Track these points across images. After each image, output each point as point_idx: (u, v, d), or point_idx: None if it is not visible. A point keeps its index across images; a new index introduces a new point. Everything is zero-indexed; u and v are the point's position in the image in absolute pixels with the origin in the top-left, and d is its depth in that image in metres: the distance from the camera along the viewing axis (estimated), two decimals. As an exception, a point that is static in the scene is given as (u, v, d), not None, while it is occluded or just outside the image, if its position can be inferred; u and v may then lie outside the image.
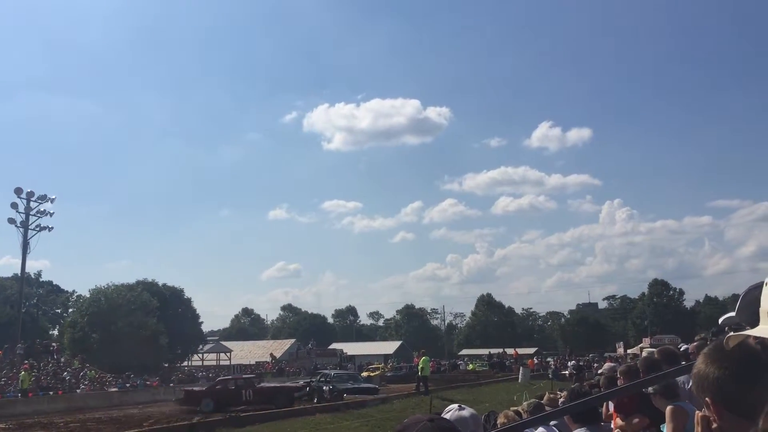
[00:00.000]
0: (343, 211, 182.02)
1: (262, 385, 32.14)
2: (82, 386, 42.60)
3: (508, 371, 54.78)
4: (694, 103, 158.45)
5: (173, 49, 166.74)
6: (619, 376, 6.38)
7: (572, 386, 10.02)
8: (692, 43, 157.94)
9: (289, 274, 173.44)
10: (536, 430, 5.48)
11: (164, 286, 68.79)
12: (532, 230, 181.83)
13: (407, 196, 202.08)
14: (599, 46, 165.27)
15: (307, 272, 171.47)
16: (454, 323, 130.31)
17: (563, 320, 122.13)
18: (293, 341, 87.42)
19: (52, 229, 49.86)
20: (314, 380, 35.75)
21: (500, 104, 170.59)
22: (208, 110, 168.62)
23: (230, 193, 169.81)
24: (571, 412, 4.93)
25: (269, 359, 71.52)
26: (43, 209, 49.28)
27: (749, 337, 1.71)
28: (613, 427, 5.79)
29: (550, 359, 65.18)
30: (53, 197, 50.08)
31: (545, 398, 8.91)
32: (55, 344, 59.02)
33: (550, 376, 41.88)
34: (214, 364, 72.85)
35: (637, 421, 5.42)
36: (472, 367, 64.13)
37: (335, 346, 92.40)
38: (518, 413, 6.78)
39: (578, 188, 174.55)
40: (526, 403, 7.20)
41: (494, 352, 76.16)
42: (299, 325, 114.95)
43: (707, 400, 1.70)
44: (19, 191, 48.25)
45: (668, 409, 4.47)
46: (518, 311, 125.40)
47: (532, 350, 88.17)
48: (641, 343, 59.09)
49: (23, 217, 48.37)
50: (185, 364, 69.47)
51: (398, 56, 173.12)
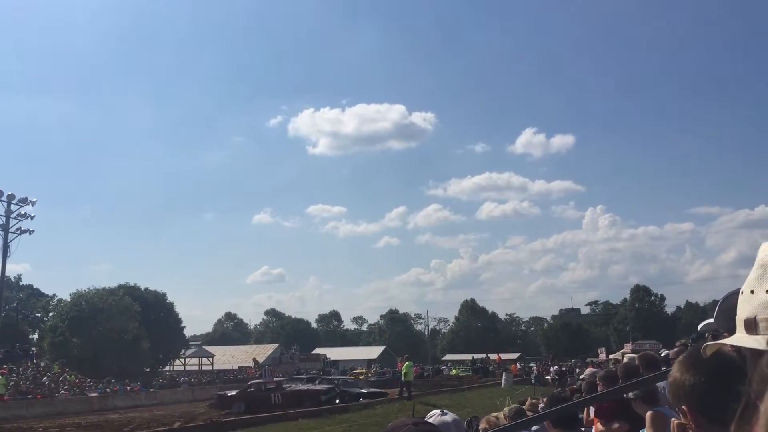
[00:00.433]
0: (327, 215, 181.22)
1: (291, 388, 32.63)
2: (61, 391, 42.19)
3: (491, 376, 54.93)
4: (675, 111, 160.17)
5: (157, 51, 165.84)
6: (598, 382, 6.42)
7: (553, 392, 10.07)
8: (673, 52, 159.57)
9: (273, 278, 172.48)
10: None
11: (146, 290, 68.43)
12: (515, 236, 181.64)
13: (392, 201, 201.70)
14: (583, 54, 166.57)
15: (291, 277, 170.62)
16: (437, 328, 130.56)
17: (546, 326, 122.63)
18: (276, 346, 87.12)
19: (32, 232, 49.31)
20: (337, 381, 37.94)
21: (485, 110, 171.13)
22: (192, 113, 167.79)
23: (214, 196, 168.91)
24: (550, 417, 4.94)
25: (252, 364, 71.17)
26: (23, 212, 48.72)
27: (726, 344, 1.72)
28: (593, 432, 5.81)
29: (532, 364, 65.45)
30: (34, 200, 49.55)
31: (527, 403, 8.94)
32: (34, 348, 58.49)
33: (532, 381, 42.06)
34: (196, 369, 72.46)
35: (617, 426, 5.43)
36: (455, 372, 64.14)
37: (319, 351, 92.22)
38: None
39: (562, 194, 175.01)
40: (507, 408, 7.21)
41: (477, 357, 76.42)
42: (283, 329, 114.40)
43: (683, 407, 1.70)
44: (-1, 194, 47.78)
45: (648, 414, 4.47)
46: (502, 316, 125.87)
47: (515, 355, 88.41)
48: (623, 348, 59.58)
49: (3, 220, 47.78)
50: (167, 368, 69.03)
51: (384, 61, 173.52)
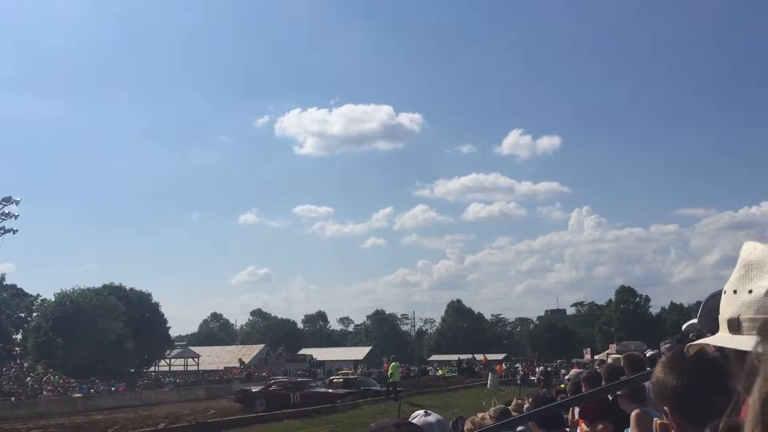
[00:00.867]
0: (314, 216, 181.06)
1: (310, 390, 33.01)
2: (45, 392, 41.83)
3: (477, 377, 55.06)
4: (661, 113, 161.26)
5: (144, 51, 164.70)
6: (582, 383, 6.44)
7: (538, 392, 10.10)
8: (660, 53, 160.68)
9: (259, 278, 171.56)
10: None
11: (131, 290, 68.02)
12: (502, 237, 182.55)
13: (378, 201, 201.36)
14: (569, 56, 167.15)
15: (277, 277, 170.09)
16: (424, 329, 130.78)
17: (532, 326, 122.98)
18: (262, 346, 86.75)
19: (17, 231, 49.13)
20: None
21: (472, 111, 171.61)
22: (178, 113, 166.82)
23: (200, 196, 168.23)
24: (536, 418, 4.95)
25: (238, 365, 70.92)
26: (7, 211, 48.62)
27: (709, 345, 1.72)
28: (578, 432, 5.83)
29: (518, 365, 65.62)
30: (18, 199, 49.49)
31: (512, 404, 8.96)
32: (18, 349, 57.87)
33: (518, 381, 42.18)
34: (181, 369, 72.10)
35: (601, 427, 5.46)
36: (441, 372, 64.15)
37: (305, 351, 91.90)
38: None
39: (548, 195, 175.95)
40: (492, 408, 7.22)
41: (464, 357, 76.48)
42: (269, 330, 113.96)
43: (666, 408, 1.71)
44: (-18, 193, 47.44)
45: (633, 414, 4.47)
46: (488, 317, 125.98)
47: (501, 356, 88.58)
48: (608, 349, 59.83)
49: (-13, 219, 47.51)
50: (152, 369, 68.64)
51: (371, 62, 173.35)
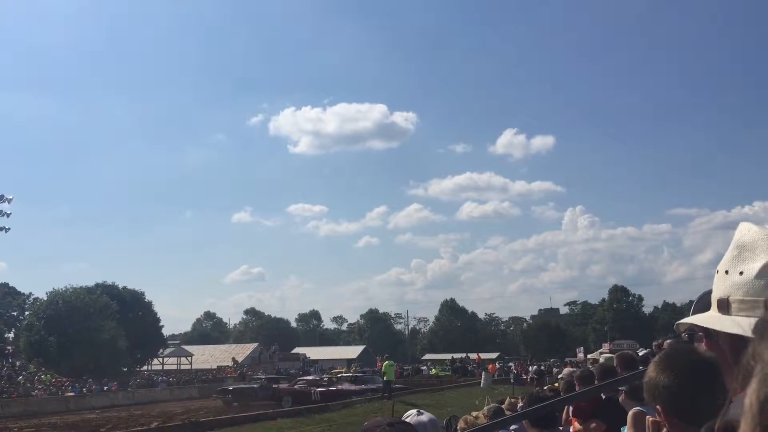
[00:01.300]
0: (308, 214, 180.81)
1: (329, 388, 33.94)
2: (37, 390, 41.69)
3: (470, 376, 55.08)
4: (654, 113, 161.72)
5: (137, 48, 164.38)
6: (575, 381, 6.45)
7: (531, 391, 10.12)
8: (653, 53, 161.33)
9: (252, 277, 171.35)
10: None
11: (124, 289, 67.81)
12: (496, 236, 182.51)
13: (372, 200, 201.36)
14: (564, 56, 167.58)
15: (271, 276, 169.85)
16: (417, 328, 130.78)
17: (525, 325, 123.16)
18: (256, 345, 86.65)
19: (9, 230, 48.88)
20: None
21: (466, 110, 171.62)
22: (172, 111, 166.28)
23: (194, 195, 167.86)
24: (529, 416, 4.95)
25: (231, 363, 70.85)
26: (-1, 209, 48.26)
27: (701, 343, 1.73)
28: (571, 431, 5.84)
29: (511, 364, 65.77)
30: (10, 198, 49.21)
31: (506, 403, 8.97)
32: (10, 347, 57.70)
33: (511, 380, 42.20)
34: (174, 368, 71.94)
35: (594, 426, 5.46)
36: (435, 371, 64.24)
37: (298, 350, 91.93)
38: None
39: (542, 195, 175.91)
40: (486, 407, 7.23)
41: (457, 356, 76.64)
42: (262, 329, 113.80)
43: (658, 407, 1.71)
44: (-26, 191, 47.25)
45: (630, 413, 4.47)
46: (481, 316, 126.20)
47: (494, 355, 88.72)
48: (601, 348, 60.04)
49: (-21, 217, 47.31)
50: (145, 368, 68.50)
51: (365, 61, 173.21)
